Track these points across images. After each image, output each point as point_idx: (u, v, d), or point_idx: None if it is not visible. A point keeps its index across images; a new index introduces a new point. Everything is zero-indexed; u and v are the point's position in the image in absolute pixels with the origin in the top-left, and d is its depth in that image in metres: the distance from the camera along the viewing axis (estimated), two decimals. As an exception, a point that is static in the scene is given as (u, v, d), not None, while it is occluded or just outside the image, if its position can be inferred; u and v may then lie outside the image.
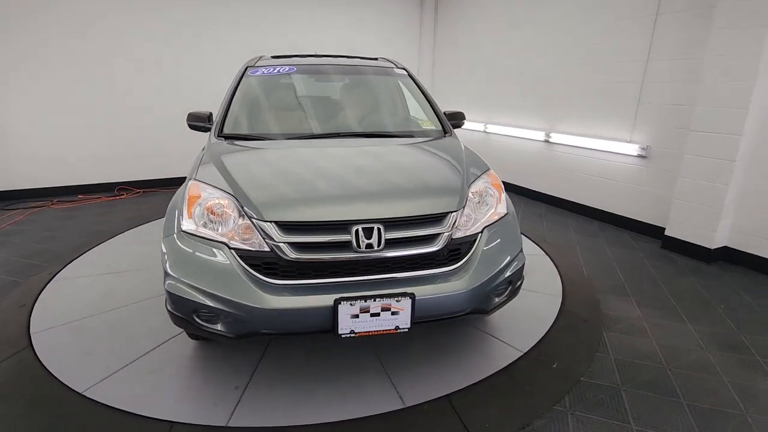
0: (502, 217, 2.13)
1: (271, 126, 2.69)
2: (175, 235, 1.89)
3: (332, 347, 2.37)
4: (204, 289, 1.72)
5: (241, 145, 2.39)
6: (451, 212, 1.88)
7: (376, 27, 6.84)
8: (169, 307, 1.85)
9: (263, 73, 2.97)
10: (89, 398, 1.97)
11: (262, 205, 1.78)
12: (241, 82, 2.87)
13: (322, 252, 1.73)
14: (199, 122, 2.75)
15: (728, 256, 3.70)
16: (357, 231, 1.72)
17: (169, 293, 1.80)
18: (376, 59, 3.46)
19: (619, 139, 4.46)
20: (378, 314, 1.70)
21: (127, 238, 4.01)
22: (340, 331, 1.69)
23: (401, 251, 1.78)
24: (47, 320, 2.58)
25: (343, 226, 1.74)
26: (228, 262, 1.74)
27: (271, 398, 1.99)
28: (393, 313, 1.71)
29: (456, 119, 3.11)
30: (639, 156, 4.27)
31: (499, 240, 2.04)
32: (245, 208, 1.79)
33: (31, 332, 2.47)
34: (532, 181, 5.67)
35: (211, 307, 1.70)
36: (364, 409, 1.93)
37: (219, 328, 1.76)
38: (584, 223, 4.73)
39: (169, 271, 1.82)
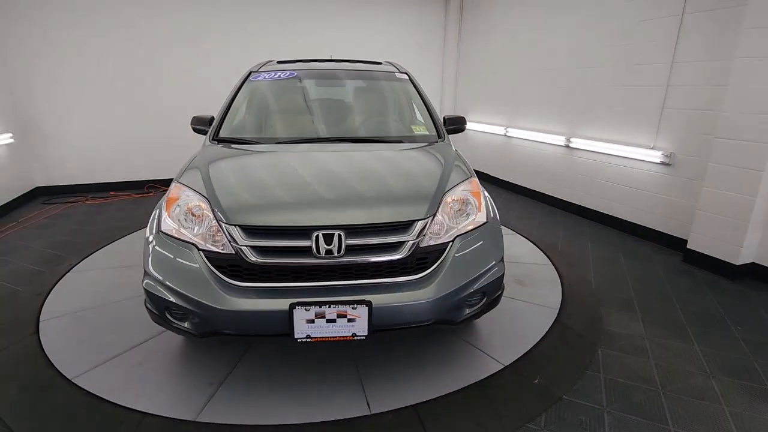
0: (481, 225, 2.08)
1: (264, 130, 2.75)
2: (153, 236, 1.98)
3: (314, 350, 2.39)
4: (174, 287, 1.79)
5: (232, 149, 2.47)
6: (418, 220, 1.86)
7: (398, 31, 6.83)
8: (147, 305, 1.94)
9: (264, 78, 3.05)
10: (77, 385, 2.09)
11: (228, 209, 1.83)
12: (242, 88, 2.96)
13: (283, 257, 1.76)
14: (201, 125, 2.86)
15: (755, 274, 3.42)
16: (317, 237, 1.74)
17: (146, 291, 1.89)
18: (380, 63, 3.47)
19: (641, 145, 4.23)
20: (334, 320, 1.71)
21: (145, 234, 4.21)
22: (296, 336, 1.71)
23: (362, 258, 1.78)
24: (56, 309, 2.77)
25: (304, 231, 1.76)
26: (197, 263, 1.80)
27: (242, 397, 2.04)
28: (350, 320, 1.71)
29: (457, 124, 3.06)
30: (662, 163, 4.03)
31: (473, 249, 1.99)
32: (215, 211, 1.85)
33: (40, 320, 2.66)
34: (551, 187, 5.48)
35: (179, 305, 1.77)
36: (330, 413, 1.94)
37: (186, 326, 1.82)
38: (603, 233, 4.51)
39: (146, 269, 1.91)
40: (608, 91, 4.52)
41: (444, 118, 3.07)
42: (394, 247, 1.81)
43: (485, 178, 6.81)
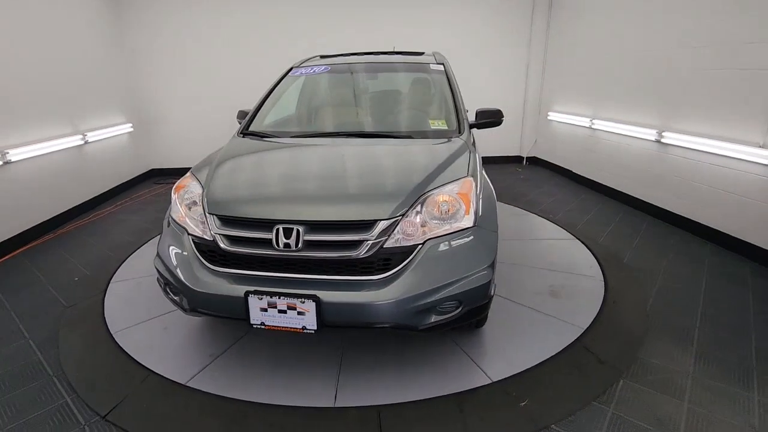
0: (464, 229, 1.95)
1: (287, 125, 2.89)
2: (166, 220, 2.25)
3: (308, 339, 2.47)
4: (168, 267, 2.03)
5: (252, 142, 2.65)
6: (380, 220, 1.81)
7: (479, 17, 6.49)
8: (157, 279, 2.23)
9: (302, 73, 3.19)
10: (114, 340, 2.50)
11: (211, 199, 2.00)
12: (281, 83, 3.15)
13: (248, 246, 1.87)
14: (242, 119, 3.12)
15: None
16: (278, 230, 1.81)
17: (156, 268, 2.17)
18: (421, 54, 3.38)
19: (748, 142, 3.45)
20: (285, 311, 1.77)
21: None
22: (251, 321, 1.82)
23: (317, 254, 1.80)
24: (125, 274, 3.31)
25: (267, 224, 1.84)
26: (187, 246, 2.01)
27: (230, 371, 2.23)
28: (299, 313, 1.76)
29: (491, 117, 2.87)
30: (773, 166, 3.26)
31: (448, 253, 1.87)
32: (204, 200, 2.04)
33: (111, 282, 3.21)
34: (637, 188, 4.77)
35: (172, 283, 2.00)
36: (297, 399, 2.02)
37: (178, 301, 2.06)
38: (692, 246, 3.82)
39: (157, 249, 2.19)
40: (709, 76, 3.76)
41: (477, 111, 2.89)
42: (353, 245, 1.80)
43: (567, 175, 6.20)
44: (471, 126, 2.85)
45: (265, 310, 1.79)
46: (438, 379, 2.15)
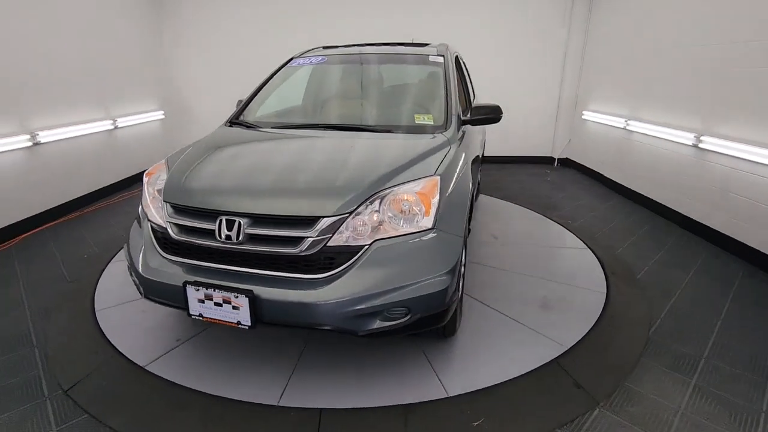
0: (420, 232, 1.82)
1: (274, 116, 2.85)
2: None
3: (275, 334, 2.43)
4: (130, 251, 2.06)
5: (231, 133, 2.61)
6: (323, 217, 1.72)
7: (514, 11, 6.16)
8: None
9: (299, 64, 3.15)
10: (95, 317, 2.61)
11: (168, 187, 2.00)
12: (276, 74, 3.12)
13: (194, 236, 1.85)
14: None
15: None
16: (220, 221, 1.77)
17: (125, 252, 2.21)
18: (425, 45, 3.24)
19: (795, 151, 3.03)
20: (221, 305, 1.73)
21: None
22: (190, 312, 1.80)
23: (256, 248, 1.75)
24: (121, 256, 3.44)
25: (211, 215, 1.81)
26: (146, 232, 2.03)
27: (190, 358, 2.25)
28: (234, 308, 1.72)
29: (487, 114, 2.69)
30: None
31: (398, 257, 1.76)
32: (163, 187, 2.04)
33: (110, 262, 3.35)
34: (670, 197, 4.35)
35: (131, 267, 2.04)
36: (243, 394, 1.99)
37: (137, 286, 2.09)
38: (721, 264, 3.42)
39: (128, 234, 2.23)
40: (757, 74, 3.33)
41: (473, 106, 2.72)
42: (294, 241, 1.73)
43: (598, 179, 5.79)
44: (464, 122, 2.69)
45: (203, 301, 1.76)
46: (392, 387, 2.05)
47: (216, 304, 1.74)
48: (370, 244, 1.75)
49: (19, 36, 3.82)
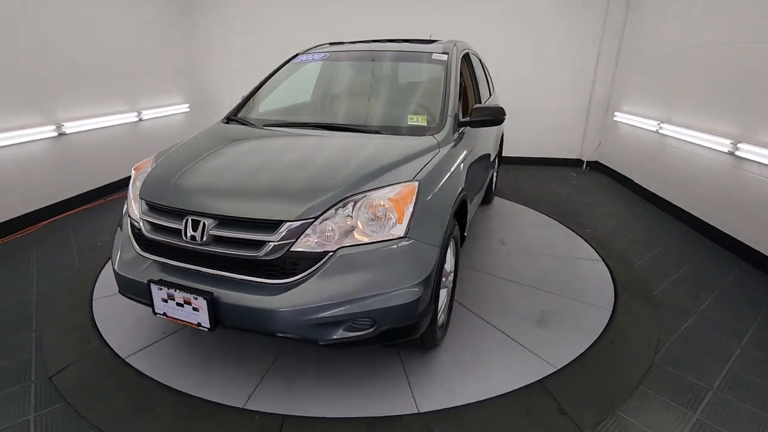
0: (390, 240, 1.73)
1: (271, 114, 2.82)
2: None
3: (255, 337, 2.40)
4: (113, 246, 2.09)
5: (222, 130, 2.58)
6: (286, 221, 1.66)
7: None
8: None
9: (302, 60, 3.11)
10: (91, 305, 2.69)
11: (144, 183, 2.00)
12: (279, 70, 3.09)
13: (163, 235, 1.84)
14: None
15: None
16: (187, 221, 1.75)
17: None
18: (432, 42, 3.11)
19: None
20: (182, 305, 1.72)
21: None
22: (155, 310, 1.80)
23: (222, 250, 1.71)
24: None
25: (179, 214, 1.79)
26: (125, 228, 2.05)
27: (172, 355, 2.25)
28: (194, 309, 1.69)
29: (487, 116, 2.55)
30: None
31: (363, 265, 1.68)
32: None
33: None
34: (701, 206, 4.01)
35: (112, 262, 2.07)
36: (215, 395, 1.97)
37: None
38: (751, 283, 3.12)
39: None
40: (803, 76, 2.98)
41: (473, 107, 2.59)
42: (256, 245, 1.68)
43: (627, 185, 5.44)
44: (462, 124, 2.56)
45: (166, 300, 1.76)
46: (362, 399, 1.98)
47: (178, 304, 1.73)
48: (335, 251, 1.68)
49: (48, 31, 3.99)
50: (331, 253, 1.68)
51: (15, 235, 3.80)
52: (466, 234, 2.61)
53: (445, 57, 2.81)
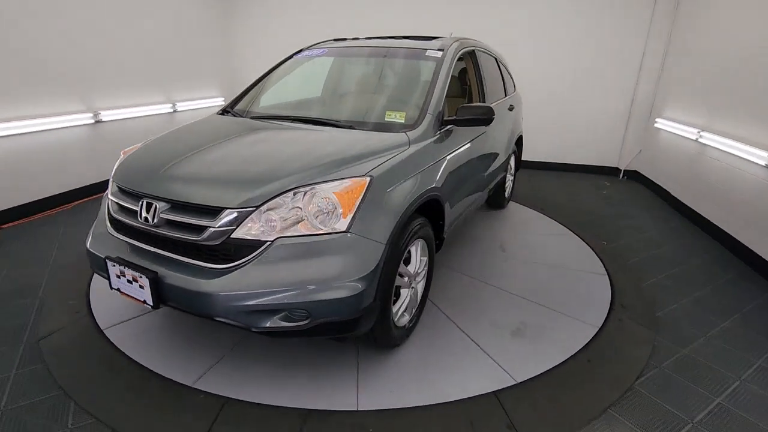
0: (331, 234, 1.72)
1: (261, 107, 2.88)
2: None
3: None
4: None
5: (211, 120, 2.68)
6: (227, 208, 1.70)
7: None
8: None
9: (303, 55, 3.16)
10: (90, 279, 2.89)
11: (117, 167, 2.13)
12: (281, 66, 3.17)
13: (124, 215, 1.95)
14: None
15: None
16: (142, 203, 1.84)
17: None
18: (435, 38, 3.05)
19: None
20: (131, 282, 1.80)
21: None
22: (112, 285, 1.90)
23: (169, 233, 1.78)
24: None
25: (137, 196, 1.89)
26: (102, 208, 2.19)
27: (145, 331, 2.37)
28: (141, 287, 1.77)
29: (474, 115, 2.46)
30: None
31: (301, 256, 1.68)
32: None
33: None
34: (735, 225, 3.62)
35: None
36: (171, 372, 2.06)
37: None
38: (781, 314, 2.78)
39: None
40: None
41: (458, 107, 2.51)
42: (198, 229, 1.73)
43: (664, 198, 5.03)
44: (446, 122, 2.49)
45: (119, 277, 1.86)
46: (306, 391, 1.98)
47: (128, 281, 1.82)
48: (273, 241, 1.69)
49: (90, 24, 4.35)
50: (268, 243, 1.69)
51: (50, 212, 4.17)
52: (444, 236, 2.53)
53: (439, 54, 2.74)
